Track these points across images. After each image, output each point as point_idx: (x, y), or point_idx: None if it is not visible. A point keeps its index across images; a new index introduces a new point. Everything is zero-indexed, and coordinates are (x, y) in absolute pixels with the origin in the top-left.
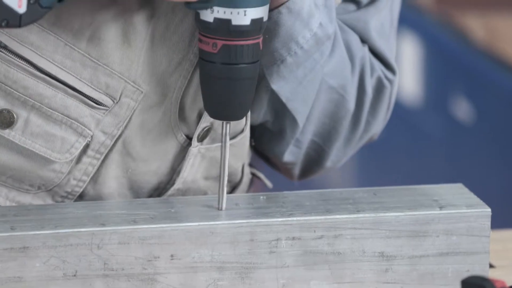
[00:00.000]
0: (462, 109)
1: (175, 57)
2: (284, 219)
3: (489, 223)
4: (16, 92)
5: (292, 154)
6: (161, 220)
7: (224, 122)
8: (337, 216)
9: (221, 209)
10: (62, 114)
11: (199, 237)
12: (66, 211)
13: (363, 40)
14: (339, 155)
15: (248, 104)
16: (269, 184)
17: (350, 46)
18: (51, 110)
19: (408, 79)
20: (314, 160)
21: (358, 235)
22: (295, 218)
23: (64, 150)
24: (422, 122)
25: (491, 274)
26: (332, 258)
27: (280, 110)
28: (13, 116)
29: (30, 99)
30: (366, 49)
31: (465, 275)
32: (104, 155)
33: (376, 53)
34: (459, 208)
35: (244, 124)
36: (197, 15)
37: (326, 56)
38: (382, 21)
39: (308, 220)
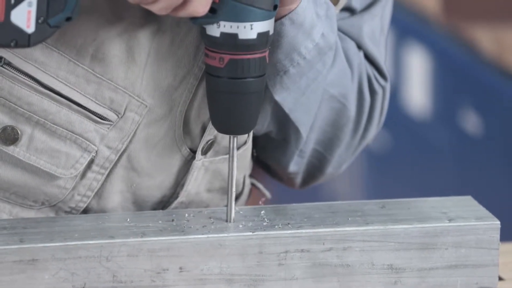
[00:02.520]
0: (471, 122)
1: (180, 72)
2: (292, 231)
3: (498, 236)
4: (20, 108)
5: (296, 164)
6: (170, 232)
7: (231, 136)
8: (346, 229)
9: (230, 221)
10: (66, 129)
11: (208, 250)
12: (75, 223)
13: (358, 46)
14: (340, 161)
15: (255, 118)
16: (267, 194)
17: (348, 54)
18: (56, 126)
19: (417, 91)
20: (316, 167)
21: (367, 248)
22: (303, 231)
23: (69, 165)
24: (430, 135)
25: (500, 287)
26: (341, 270)
27: (283, 120)
28: (17, 133)
29: (35, 115)
30: (361, 55)
31: (474, 287)
32: (108, 170)
33: (369, 59)
34: (468, 221)
35: (247, 136)
36: (203, 30)
37: (329, 66)
38: (373, 27)
39: (316, 232)
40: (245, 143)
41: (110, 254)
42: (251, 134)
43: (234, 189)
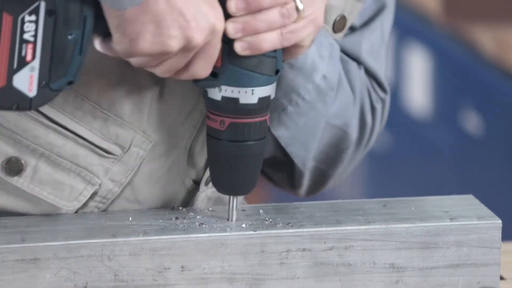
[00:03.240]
0: (472, 122)
1: (185, 108)
2: (294, 230)
3: (499, 235)
4: (26, 140)
5: (299, 180)
6: (171, 231)
7: (231, 196)
8: (348, 228)
9: (231, 220)
10: (71, 162)
11: (210, 249)
12: (77, 222)
13: (358, 62)
14: (342, 173)
15: (255, 179)
16: None
17: (350, 77)
18: (61, 159)
19: (417, 91)
20: (319, 182)
21: (369, 247)
22: (305, 230)
23: (72, 198)
24: (431, 134)
25: (502, 286)
26: (342, 269)
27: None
28: (22, 164)
29: (40, 148)
30: (362, 73)
31: (476, 287)
32: (110, 200)
33: (368, 73)
34: (470, 220)
35: None
36: (205, 93)
37: (329, 105)
38: (373, 41)
39: (318, 231)
40: None
41: (112, 253)
42: None
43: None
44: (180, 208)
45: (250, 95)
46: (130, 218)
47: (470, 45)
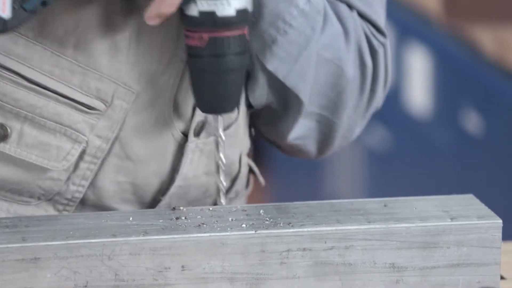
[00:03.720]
0: (472, 122)
1: (164, 56)
2: (294, 230)
3: (500, 235)
4: (7, 105)
5: (301, 128)
6: (172, 231)
7: (216, 116)
8: (348, 227)
9: (222, 204)
10: (55, 122)
11: (210, 248)
12: (77, 221)
13: (349, 7)
14: (350, 124)
15: (238, 96)
16: (262, 180)
17: (341, 17)
18: (44, 120)
19: (418, 91)
20: (327, 134)
21: (369, 246)
22: (305, 229)
23: (61, 158)
24: (431, 134)
25: (502, 286)
26: (342, 269)
27: (282, 89)
28: (7, 130)
29: (22, 111)
30: (355, 15)
31: (476, 286)
32: (101, 159)
33: (363, 17)
34: (470, 219)
35: (236, 113)
36: (181, 11)
37: (319, 30)
38: None
39: (318, 231)
40: (236, 119)
41: (112, 252)
42: (241, 111)
43: (223, 169)
44: (181, 208)
45: (227, 7)
46: (131, 218)
47: (471, 45)
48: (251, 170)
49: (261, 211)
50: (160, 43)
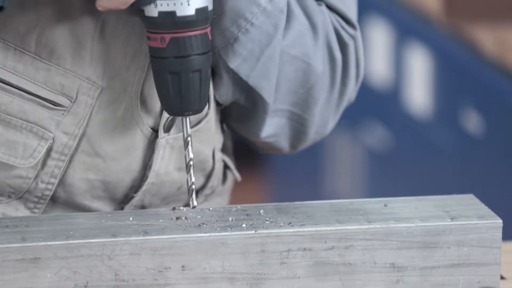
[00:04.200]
0: (472, 122)
1: (129, 51)
2: (295, 230)
3: (500, 235)
4: None
5: (271, 125)
6: (172, 231)
7: (183, 118)
8: (348, 227)
9: (193, 207)
10: (21, 119)
11: (210, 248)
12: (77, 221)
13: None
14: (323, 120)
15: (205, 96)
16: (238, 176)
17: (308, 12)
18: (10, 117)
19: (418, 91)
20: (299, 130)
21: (369, 246)
22: (306, 229)
23: (27, 155)
24: (432, 134)
25: (502, 286)
26: (343, 269)
27: (246, 87)
28: None
29: None
30: (324, 9)
31: (476, 286)
32: (69, 156)
33: (332, 10)
34: (470, 219)
35: (207, 108)
36: (142, 13)
37: (282, 29)
38: None
39: (319, 231)
40: (206, 115)
41: (112, 252)
42: (211, 106)
43: (192, 171)
44: (181, 208)
45: (186, 7)
46: (131, 218)
47: (471, 45)
48: (227, 166)
49: (261, 211)
50: (124, 38)
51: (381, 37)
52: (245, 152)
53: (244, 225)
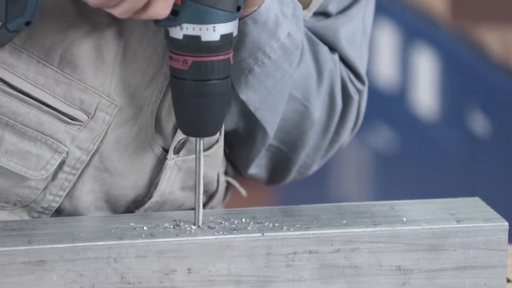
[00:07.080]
0: (479, 123)
1: (149, 71)
2: (300, 232)
3: (506, 237)
4: None
5: (258, 166)
6: (178, 233)
7: (198, 139)
8: (354, 230)
9: (198, 225)
10: (36, 131)
11: (216, 251)
12: (83, 224)
13: (333, 49)
14: (308, 162)
15: (221, 120)
16: (243, 192)
17: (318, 58)
18: (26, 128)
19: (424, 93)
20: (282, 167)
21: (375, 249)
22: (312, 232)
23: (40, 167)
24: (438, 136)
25: None
26: (349, 271)
27: (250, 117)
28: None
29: (4, 117)
30: (336, 58)
31: None
32: (80, 170)
33: (346, 62)
34: (476, 222)
35: (219, 134)
36: (166, 32)
37: (295, 65)
38: (353, 29)
39: (325, 233)
40: (217, 141)
41: (118, 255)
42: (222, 132)
43: (201, 191)
44: (187, 211)
45: (212, 32)
46: (137, 221)
47: (477, 46)
48: (228, 183)
49: (267, 214)
50: (146, 57)
51: (387, 39)
52: None
53: (250, 228)
